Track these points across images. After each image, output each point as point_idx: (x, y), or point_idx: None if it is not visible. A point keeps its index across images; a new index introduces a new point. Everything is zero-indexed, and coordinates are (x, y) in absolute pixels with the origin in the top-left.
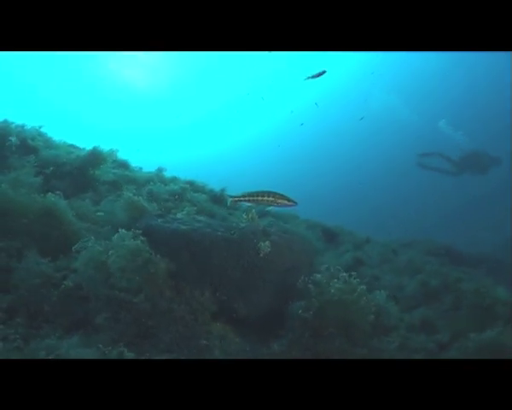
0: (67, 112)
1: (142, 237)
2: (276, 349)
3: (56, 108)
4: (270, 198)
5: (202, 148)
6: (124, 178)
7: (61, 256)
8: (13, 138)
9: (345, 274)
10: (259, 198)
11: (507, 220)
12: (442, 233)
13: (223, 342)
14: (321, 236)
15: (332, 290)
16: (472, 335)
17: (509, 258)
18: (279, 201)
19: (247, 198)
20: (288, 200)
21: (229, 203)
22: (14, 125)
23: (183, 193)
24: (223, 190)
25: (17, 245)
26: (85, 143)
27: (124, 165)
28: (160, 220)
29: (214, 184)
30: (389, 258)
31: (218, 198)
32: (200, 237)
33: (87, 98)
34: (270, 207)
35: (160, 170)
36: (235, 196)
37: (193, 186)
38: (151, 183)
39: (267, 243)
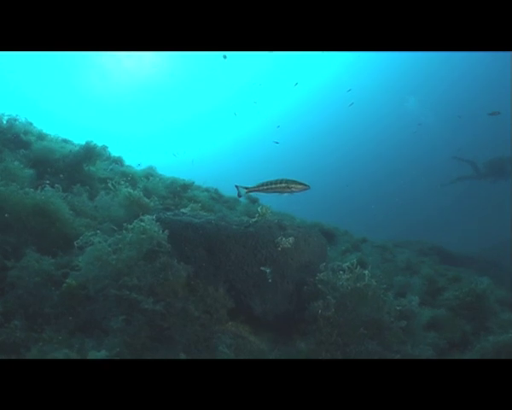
0: (57, 112)
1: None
2: (303, 349)
3: (49, 108)
4: (283, 185)
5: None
6: (118, 173)
7: (60, 253)
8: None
9: (347, 264)
10: (273, 186)
11: (506, 220)
12: (439, 232)
13: (242, 342)
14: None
15: (341, 282)
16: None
17: (507, 258)
18: (292, 186)
19: (261, 188)
20: (301, 184)
21: (243, 195)
22: (6, 118)
23: (183, 190)
24: (237, 186)
25: (12, 241)
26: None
27: (118, 161)
28: (169, 213)
29: (207, 184)
30: (388, 258)
31: (215, 196)
32: (215, 231)
33: (75, 98)
34: (285, 194)
35: (151, 168)
36: (249, 187)
37: (189, 185)
38: (144, 179)
39: (290, 239)
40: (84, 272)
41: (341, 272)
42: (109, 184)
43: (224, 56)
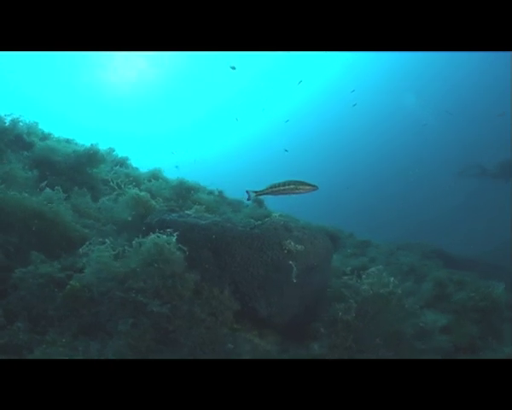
0: (59, 113)
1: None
2: (315, 352)
3: (47, 109)
4: (292, 186)
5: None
6: (122, 175)
7: (63, 255)
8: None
9: (373, 269)
10: (281, 188)
11: (506, 222)
12: (443, 233)
13: (249, 345)
14: None
15: (365, 287)
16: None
17: (506, 260)
18: (300, 187)
19: (269, 191)
20: (309, 185)
21: (252, 198)
22: (9, 119)
23: (187, 192)
24: (248, 191)
25: (14, 241)
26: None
27: (122, 163)
28: (174, 215)
29: (213, 185)
30: (393, 261)
31: (219, 199)
32: (221, 232)
33: (78, 99)
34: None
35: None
36: (258, 191)
37: (194, 187)
38: (146, 181)
39: (299, 247)
40: (89, 277)
41: (364, 276)
42: (114, 184)
43: (233, 67)
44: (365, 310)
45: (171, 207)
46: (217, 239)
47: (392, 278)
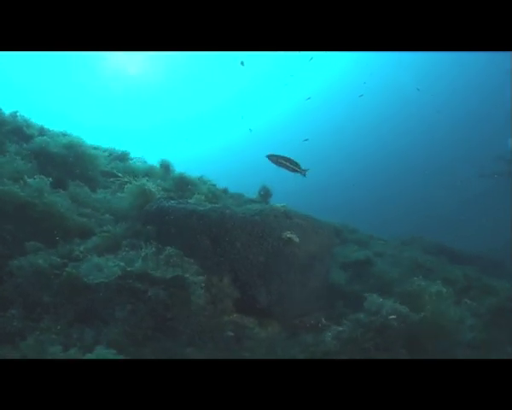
0: (61, 111)
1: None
2: (328, 343)
3: (49, 107)
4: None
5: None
6: (122, 169)
7: (60, 242)
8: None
9: (467, 300)
10: (287, 164)
11: (507, 221)
12: (443, 232)
13: (250, 333)
14: None
15: (452, 310)
16: None
17: (507, 260)
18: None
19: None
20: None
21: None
22: (8, 114)
23: (186, 184)
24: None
25: (10, 228)
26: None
27: (122, 157)
28: (172, 202)
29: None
30: (399, 256)
31: (219, 192)
32: (220, 218)
33: (79, 96)
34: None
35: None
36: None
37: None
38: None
39: (297, 239)
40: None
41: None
42: (122, 175)
43: (242, 63)
44: (418, 329)
45: (171, 196)
46: (216, 226)
47: (471, 320)
